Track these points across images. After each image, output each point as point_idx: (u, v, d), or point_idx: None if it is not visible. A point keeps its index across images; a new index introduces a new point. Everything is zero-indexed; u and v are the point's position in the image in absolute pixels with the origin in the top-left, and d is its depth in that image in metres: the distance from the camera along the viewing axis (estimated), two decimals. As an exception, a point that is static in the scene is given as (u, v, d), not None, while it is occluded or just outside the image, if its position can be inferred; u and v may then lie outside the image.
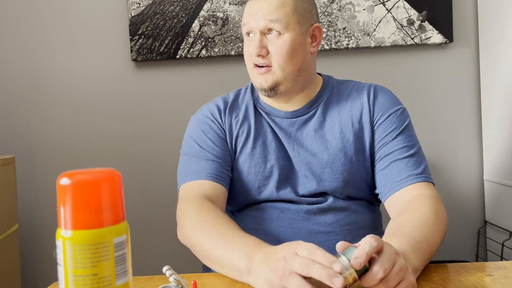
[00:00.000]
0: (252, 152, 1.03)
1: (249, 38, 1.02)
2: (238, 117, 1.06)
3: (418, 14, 1.67)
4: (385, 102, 1.04)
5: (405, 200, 0.93)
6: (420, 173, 0.96)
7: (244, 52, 1.04)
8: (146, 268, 1.71)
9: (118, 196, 0.44)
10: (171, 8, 1.70)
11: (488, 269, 0.80)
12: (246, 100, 1.09)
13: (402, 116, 1.03)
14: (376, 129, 1.02)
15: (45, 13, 1.75)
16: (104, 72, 1.75)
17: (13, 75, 1.76)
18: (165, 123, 1.75)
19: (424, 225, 0.82)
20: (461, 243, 1.73)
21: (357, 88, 1.07)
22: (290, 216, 1.00)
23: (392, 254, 0.65)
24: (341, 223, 1.00)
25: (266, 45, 0.98)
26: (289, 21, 0.98)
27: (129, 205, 1.75)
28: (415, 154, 0.99)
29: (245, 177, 1.03)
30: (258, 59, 0.99)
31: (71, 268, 0.43)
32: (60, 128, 1.76)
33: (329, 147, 1.01)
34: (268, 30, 0.98)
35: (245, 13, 1.02)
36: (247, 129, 1.05)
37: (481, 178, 1.72)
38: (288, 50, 0.98)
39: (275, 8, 0.97)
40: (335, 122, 1.03)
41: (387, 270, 0.63)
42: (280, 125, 1.04)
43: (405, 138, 1.00)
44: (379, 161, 1.01)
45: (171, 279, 0.67)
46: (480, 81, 1.69)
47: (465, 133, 1.73)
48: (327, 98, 1.06)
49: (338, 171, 1.00)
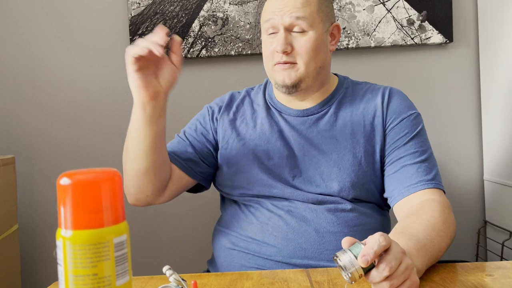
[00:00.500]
0: (256, 149, 1.04)
1: (269, 36, 1.02)
2: (246, 114, 1.10)
3: (418, 14, 1.67)
4: (399, 106, 1.03)
5: (415, 204, 0.92)
6: (431, 179, 0.95)
7: (264, 50, 1.04)
8: (146, 268, 1.71)
9: (118, 196, 0.44)
10: (171, 8, 1.70)
11: (488, 269, 0.80)
12: (258, 98, 1.11)
13: (415, 121, 1.02)
14: (388, 132, 1.01)
15: (45, 13, 1.74)
16: (104, 72, 1.75)
17: (13, 75, 1.76)
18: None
19: (432, 229, 0.82)
20: (461, 243, 1.73)
21: (372, 90, 1.07)
22: (297, 215, 0.99)
23: (399, 253, 0.65)
24: (349, 223, 0.99)
25: (291, 42, 0.99)
26: (314, 19, 0.99)
27: (129, 205, 1.75)
28: (426, 160, 0.98)
29: (247, 175, 1.03)
30: (283, 56, 0.99)
31: (71, 268, 0.43)
32: (60, 128, 1.76)
33: (339, 148, 1.01)
34: (293, 27, 0.99)
35: (267, 10, 1.02)
36: (253, 126, 1.08)
37: (481, 178, 1.72)
38: (312, 47, 0.99)
39: (301, 5, 0.98)
40: (347, 123, 1.03)
41: (393, 268, 0.63)
42: (291, 123, 1.05)
43: (417, 143, 0.99)
44: (390, 165, 1.00)
45: (171, 279, 0.67)
46: (480, 81, 1.69)
47: (465, 133, 1.73)
48: (341, 98, 1.06)
49: (346, 172, 0.99)
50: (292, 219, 0.99)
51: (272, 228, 0.99)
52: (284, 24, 0.98)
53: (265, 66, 1.05)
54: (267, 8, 1.03)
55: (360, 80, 1.14)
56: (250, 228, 1.01)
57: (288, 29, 0.99)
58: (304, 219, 0.99)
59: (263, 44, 1.05)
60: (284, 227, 0.98)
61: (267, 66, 1.04)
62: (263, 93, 1.12)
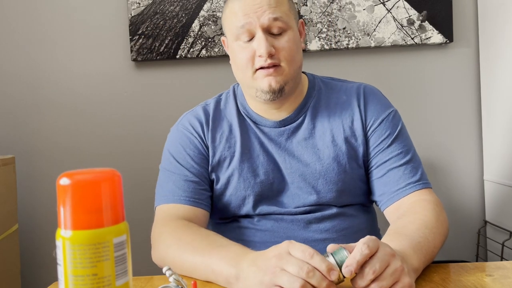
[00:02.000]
0: (240, 167, 0.98)
1: (241, 42, 0.93)
2: (223, 130, 1.00)
3: (418, 14, 1.67)
4: (377, 107, 1.00)
5: (405, 206, 0.92)
6: (418, 180, 0.95)
7: (239, 57, 0.94)
8: (146, 268, 1.71)
9: (118, 196, 0.44)
10: (171, 8, 1.70)
11: (488, 269, 0.80)
12: (230, 109, 1.03)
13: (394, 120, 1.00)
14: (370, 135, 0.99)
15: (45, 13, 1.74)
16: (104, 72, 1.75)
17: (13, 74, 1.76)
18: (165, 123, 1.74)
19: (425, 226, 0.82)
20: (461, 243, 1.73)
21: (345, 90, 1.03)
22: (285, 226, 0.98)
23: (385, 255, 0.64)
24: (337, 228, 0.98)
25: (272, 44, 0.91)
26: (289, 18, 0.94)
27: (129, 205, 1.75)
28: (411, 160, 0.97)
29: (233, 193, 0.99)
30: (267, 59, 0.90)
31: (71, 268, 0.42)
32: (60, 128, 1.76)
33: (322, 157, 0.98)
34: (270, 28, 0.91)
35: (236, 13, 0.93)
36: (233, 142, 0.99)
37: (481, 178, 1.72)
38: (292, 47, 0.93)
39: (276, 5, 0.92)
40: (326, 129, 0.99)
41: (377, 272, 0.62)
42: (269, 135, 1.00)
43: (400, 143, 0.98)
44: (375, 169, 0.98)
45: (171, 279, 0.67)
46: (480, 81, 1.69)
47: (465, 133, 1.73)
48: (315, 102, 1.02)
49: (332, 181, 0.97)
50: (280, 230, 0.98)
51: (260, 241, 0.98)
52: (263, 25, 0.90)
53: (240, 75, 0.97)
54: (235, 11, 0.93)
55: (362, 81, 1.12)
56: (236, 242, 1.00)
57: (267, 31, 0.91)
58: (292, 230, 0.98)
59: (234, 52, 0.95)
60: (273, 239, 0.97)
61: (244, 74, 0.95)
62: (235, 103, 1.03)
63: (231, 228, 1.03)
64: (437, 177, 1.72)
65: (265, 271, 0.65)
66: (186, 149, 1.00)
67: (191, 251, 0.80)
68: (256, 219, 1.00)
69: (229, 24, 0.95)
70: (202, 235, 0.84)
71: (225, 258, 0.74)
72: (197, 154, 1.00)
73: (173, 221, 0.91)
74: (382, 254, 0.64)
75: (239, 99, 1.04)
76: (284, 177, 0.99)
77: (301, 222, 0.98)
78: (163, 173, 1.01)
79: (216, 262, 0.74)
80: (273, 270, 0.64)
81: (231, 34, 0.96)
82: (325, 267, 0.62)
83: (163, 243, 0.88)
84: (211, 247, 0.78)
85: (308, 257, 0.62)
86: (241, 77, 0.97)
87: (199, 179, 0.99)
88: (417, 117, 1.71)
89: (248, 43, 0.93)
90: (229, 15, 0.95)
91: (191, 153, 1.00)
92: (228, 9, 0.96)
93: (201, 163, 0.99)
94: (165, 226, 0.91)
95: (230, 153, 0.99)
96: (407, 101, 1.71)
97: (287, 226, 0.98)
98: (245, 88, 1.00)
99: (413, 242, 0.76)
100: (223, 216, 1.03)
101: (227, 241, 0.80)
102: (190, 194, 0.96)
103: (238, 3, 0.93)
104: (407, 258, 0.70)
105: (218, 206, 1.02)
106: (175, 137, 1.03)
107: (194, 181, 0.98)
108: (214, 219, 1.05)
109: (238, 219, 1.02)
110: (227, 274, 0.72)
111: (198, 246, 0.81)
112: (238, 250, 0.75)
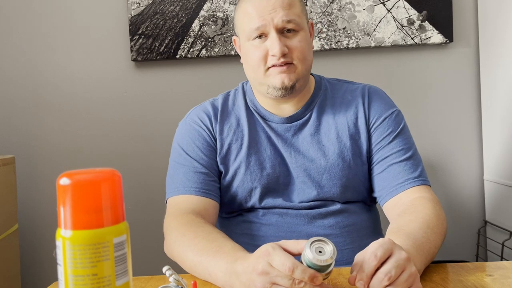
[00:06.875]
0: (248, 160, 1.01)
1: (255, 42, 0.97)
2: (231, 123, 1.03)
3: (418, 14, 1.67)
4: (380, 105, 1.03)
5: (405, 203, 0.92)
6: (417, 176, 0.96)
7: (251, 57, 0.97)
8: (146, 268, 1.71)
9: (118, 196, 0.44)
10: (171, 8, 1.70)
11: (488, 269, 0.80)
12: (238, 104, 1.06)
13: (397, 119, 1.03)
14: (373, 132, 1.01)
15: (45, 13, 1.74)
16: (104, 72, 1.75)
17: (13, 74, 1.76)
18: (165, 123, 1.75)
19: (427, 226, 0.82)
20: (461, 243, 1.73)
21: (351, 90, 1.06)
22: (289, 221, 0.99)
23: (401, 260, 0.64)
24: (340, 225, 0.99)
25: (285, 43, 0.95)
26: (301, 18, 0.98)
27: (129, 205, 1.75)
28: (411, 157, 0.99)
29: (240, 185, 1.01)
30: (281, 57, 0.94)
31: (71, 268, 0.43)
32: (60, 128, 1.76)
33: (327, 153, 1.00)
34: (284, 28, 0.95)
35: (250, 15, 0.96)
36: (241, 136, 1.02)
37: (481, 178, 1.72)
38: (305, 47, 0.97)
39: (289, 6, 0.95)
40: (331, 126, 1.02)
41: (393, 278, 0.62)
42: (276, 131, 1.02)
43: (401, 141, 1.00)
44: (376, 165, 1.00)
45: (171, 279, 0.67)
46: (480, 81, 1.69)
47: (465, 133, 1.73)
48: (321, 100, 1.05)
49: (337, 177, 1.00)
50: (284, 225, 0.99)
51: (264, 235, 0.99)
52: (276, 26, 0.94)
53: (252, 73, 1.00)
54: (249, 12, 0.96)
55: (362, 81, 1.14)
56: (241, 236, 1.01)
57: (280, 31, 0.95)
58: (296, 224, 0.99)
59: (247, 51, 0.99)
60: (276, 233, 0.99)
61: (256, 72, 0.98)
62: (244, 98, 1.06)
63: (237, 222, 1.04)
64: (437, 177, 1.72)
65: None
66: (195, 142, 1.02)
67: (192, 249, 0.82)
68: (261, 213, 1.01)
69: (242, 24, 0.99)
70: (205, 233, 0.85)
71: (219, 263, 0.75)
72: (206, 146, 1.02)
73: (181, 216, 0.92)
74: (398, 258, 0.64)
75: (248, 95, 1.07)
76: (290, 171, 1.01)
77: (305, 217, 0.99)
78: (173, 166, 1.03)
79: (212, 266, 0.76)
80: (261, 285, 0.64)
81: (244, 35, 0.99)
82: (307, 277, 0.61)
83: (170, 236, 0.91)
84: (209, 249, 0.79)
85: (289, 272, 0.62)
86: (253, 75, 1.00)
87: (209, 171, 1.01)
88: (417, 117, 1.72)
89: (261, 42, 0.96)
90: (242, 16, 0.99)
91: (200, 145, 1.02)
92: (241, 9, 0.99)
93: (210, 155, 1.02)
94: (173, 220, 0.93)
95: (238, 145, 1.02)
96: (407, 101, 1.71)
97: (292, 220, 0.99)
98: (255, 85, 1.03)
99: (416, 242, 0.76)
100: (229, 210, 1.05)
101: (225, 243, 0.80)
102: (200, 185, 0.98)
103: (251, 4, 0.96)
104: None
105: (225, 199, 1.03)
106: (184, 130, 1.06)
107: (203, 173, 1.00)
108: (220, 213, 1.06)
109: (243, 213, 1.04)
110: (222, 282, 0.74)
111: (199, 245, 0.82)
112: (230, 257, 0.74)
